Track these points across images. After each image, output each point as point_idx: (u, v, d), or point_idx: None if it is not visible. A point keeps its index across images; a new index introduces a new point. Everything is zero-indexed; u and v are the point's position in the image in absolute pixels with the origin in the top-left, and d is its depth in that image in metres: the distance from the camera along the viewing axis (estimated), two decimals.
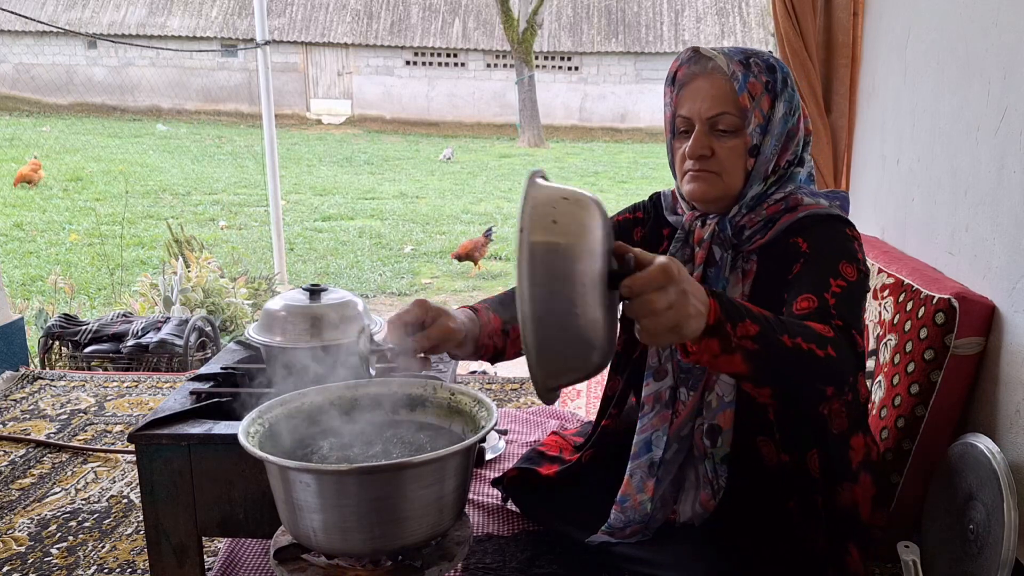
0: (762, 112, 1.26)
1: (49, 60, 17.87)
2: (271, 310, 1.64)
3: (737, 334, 0.99)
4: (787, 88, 1.28)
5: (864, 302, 1.25)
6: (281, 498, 1.15)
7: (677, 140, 1.35)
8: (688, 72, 1.32)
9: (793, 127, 1.29)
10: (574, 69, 18.82)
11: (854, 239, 1.27)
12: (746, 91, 1.25)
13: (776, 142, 1.28)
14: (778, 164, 1.30)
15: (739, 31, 18.35)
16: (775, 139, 1.28)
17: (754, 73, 1.26)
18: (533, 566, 1.64)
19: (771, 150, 1.28)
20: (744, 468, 1.36)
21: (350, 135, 16.70)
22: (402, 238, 7.28)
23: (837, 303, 1.15)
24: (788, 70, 1.30)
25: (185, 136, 14.56)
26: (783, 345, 1.03)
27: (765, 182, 1.30)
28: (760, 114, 1.26)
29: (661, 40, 18.52)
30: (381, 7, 19.17)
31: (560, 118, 18.16)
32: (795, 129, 1.30)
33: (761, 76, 1.26)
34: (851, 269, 1.20)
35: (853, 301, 1.18)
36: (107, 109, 17.77)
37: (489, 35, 18.68)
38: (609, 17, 19.03)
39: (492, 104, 18.51)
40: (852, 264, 1.21)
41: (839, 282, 1.18)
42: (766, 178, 1.29)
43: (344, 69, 18.73)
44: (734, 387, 1.30)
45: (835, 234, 1.26)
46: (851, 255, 1.23)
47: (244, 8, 18.52)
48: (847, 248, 1.24)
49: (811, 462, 1.32)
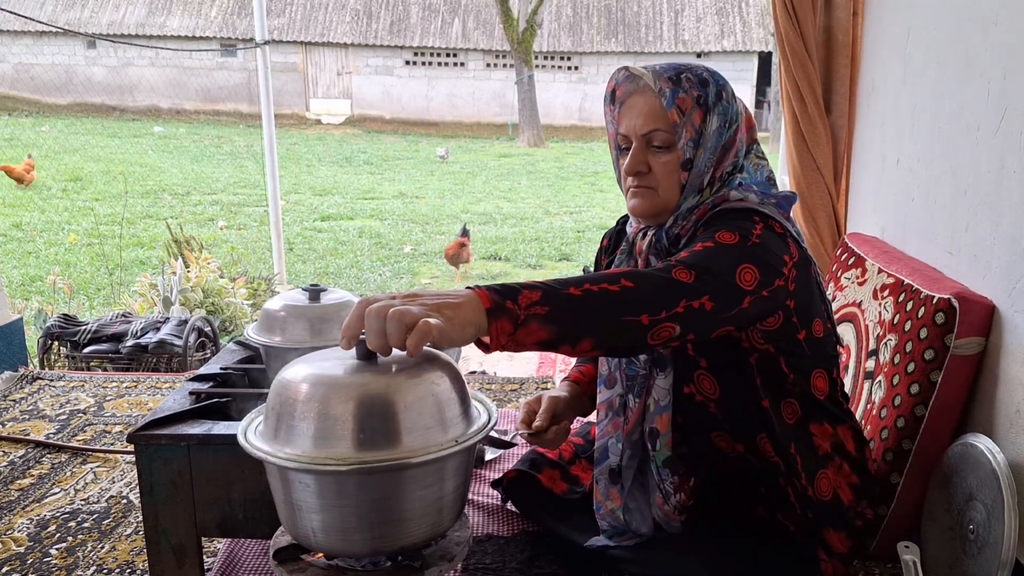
0: (693, 126, 1.28)
1: (48, 60, 17.88)
2: (270, 310, 1.64)
3: (521, 305, 1.01)
4: (721, 101, 1.29)
5: (742, 260, 1.17)
6: (281, 498, 1.15)
7: (620, 157, 1.38)
8: (625, 90, 1.35)
9: (729, 139, 1.30)
10: (574, 69, 18.83)
11: (761, 223, 1.23)
12: (675, 106, 1.27)
13: (710, 155, 1.29)
14: (714, 176, 1.30)
15: (739, 31, 18.35)
16: (708, 152, 1.29)
17: (684, 88, 1.28)
18: (533, 566, 1.64)
19: (704, 163, 1.29)
20: (710, 464, 1.39)
21: (350, 135, 16.70)
22: (402, 238, 7.28)
23: (688, 255, 1.15)
24: (724, 82, 1.31)
25: (184, 136, 14.56)
26: (572, 296, 1.04)
27: (701, 194, 1.31)
28: (692, 128, 1.28)
29: (661, 40, 18.53)
30: (381, 7, 19.17)
31: (560, 118, 18.17)
32: (731, 141, 1.30)
33: (692, 91, 1.28)
34: (729, 235, 1.19)
35: (710, 255, 1.16)
36: (106, 109, 17.77)
37: (489, 35, 18.68)
38: (609, 17, 19.04)
39: (492, 104, 18.52)
40: (736, 233, 1.19)
41: (707, 244, 1.18)
42: (702, 190, 1.31)
43: (344, 69, 18.73)
44: (668, 391, 1.32)
45: (735, 218, 1.24)
46: (739, 229, 1.20)
47: (243, 8, 18.53)
48: (742, 226, 1.21)
49: (763, 446, 1.34)
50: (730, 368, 1.30)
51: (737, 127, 1.31)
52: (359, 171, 11.58)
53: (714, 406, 1.32)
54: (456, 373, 1.19)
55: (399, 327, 0.94)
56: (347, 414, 1.08)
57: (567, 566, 1.62)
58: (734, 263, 1.16)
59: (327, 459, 1.06)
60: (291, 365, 1.18)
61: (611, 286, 1.07)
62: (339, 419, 1.08)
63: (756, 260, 1.18)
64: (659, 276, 1.11)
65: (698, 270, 1.13)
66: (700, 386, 1.31)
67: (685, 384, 1.32)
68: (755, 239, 1.20)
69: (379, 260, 6.44)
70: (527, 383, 2.84)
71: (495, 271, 6.25)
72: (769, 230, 1.24)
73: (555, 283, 1.06)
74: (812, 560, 1.37)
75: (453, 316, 0.97)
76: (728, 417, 1.33)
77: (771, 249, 1.21)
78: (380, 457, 1.07)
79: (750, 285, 1.16)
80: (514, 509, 1.83)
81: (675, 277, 1.11)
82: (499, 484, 1.81)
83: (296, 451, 1.09)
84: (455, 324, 0.97)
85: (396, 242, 7.10)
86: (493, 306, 1.00)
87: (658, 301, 1.09)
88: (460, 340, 0.99)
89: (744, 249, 1.18)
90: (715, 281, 1.13)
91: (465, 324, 0.98)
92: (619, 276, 1.09)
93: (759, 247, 1.20)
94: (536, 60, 17.44)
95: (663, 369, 1.32)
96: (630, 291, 1.08)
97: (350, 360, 1.16)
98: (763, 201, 1.29)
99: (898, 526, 1.67)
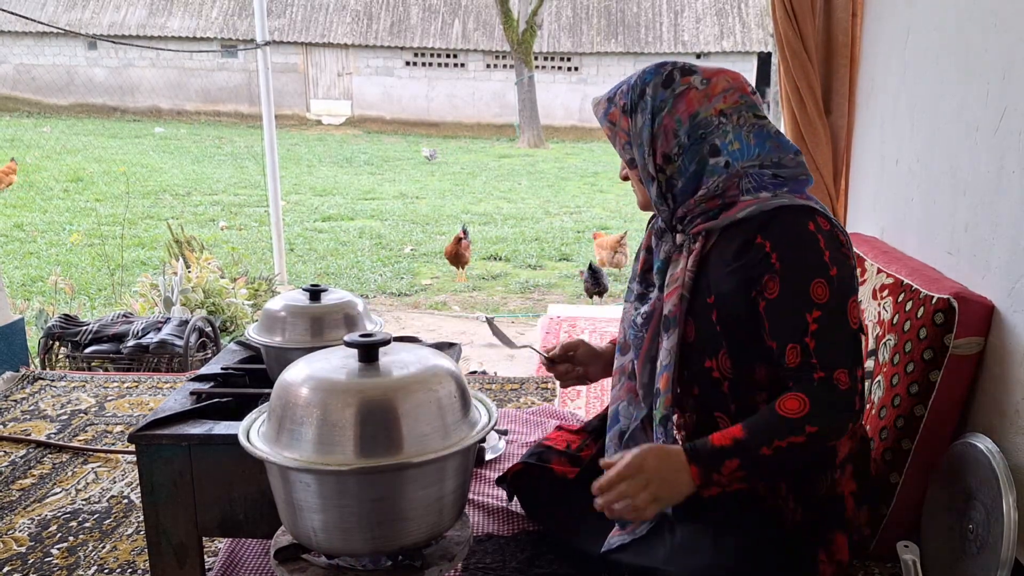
0: (624, 131, 1.39)
1: (49, 61, 17.87)
2: (271, 310, 1.64)
3: (724, 474, 1.24)
4: (644, 98, 1.36)
5: (849, 295, 1.29)
6: (281, 498, 1.16)
7: None
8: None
9: (659, 126, 1.35)
10: (574, 70, 18.82)
11: (818, 233, 1.28)
12: (606, 122, 1.42)
13: (645, 147, 1.37)
14: (656, 162, 1.37)
15: (738, 31, 18.35)
16: (641, 146, 1.38)
17: (615, 103, 1.39)
18: (533, 566, 1.64)
19: (641, 157, 1.38)
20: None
21: (350, 135, 16.71)
22: (402, 238, 7.28)
23: (817, 346, 1.26)
24: (651, 77, 1.36)
25: (185, 137, 14.56)
26: (766, 457, 1.23)
27: (655, 182, 1.38)
28: (623, 134, 1.40)
29: (660, 41, 18.52)
30: (381, 8, 19.17)
31: (560, 118, 18.16)
32: (661, 128, 1.35)
33: (620, 101, 1.39)
34: (822, 288, 1.26)
35: (833, 326, 1.27)
36: (107, 110, 17.78)
37: (489, 36, 18.68)
38: (609, 18, 19.04)
39: (492, 105, 18.51)
40: (823, 279, 1.26)
41: (814, 314, 1.26)
42: (653, 178, 1.38)
43: (344, 70, 18.73)
44: (671, 352, 1.37)
45: (799, 236, 1.28)
46: (821, 267, 1.27)
47: (244, 9, 18.53)
48: (815, 257, 1.27)
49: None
50: (749, 353, 1.33)
51: (667, 111, 1.35)
52: (359, 172, 11.59)
53: (727, 385, 1.36)
54: (457, 374, 1.19)
55: (636, 511, 1.25)
56: (349, 420, 1.08)
57: (567, 566, 1.62)
58: (845, 318, 1.28)
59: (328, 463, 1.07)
60: (293, 366, 1.18)
61: (797, 438, 1.23)
62: (341, 425, 1.08)
63: (852, 290, 1.31)
64: (826, 402, 1.25)
65: (846, 367, 1.26)
66: (720, 363, 1.35)
67: (708, 358, 1.36)
68: (832, 268, 1.27)
69: (380, 260, 6.44)
70: (527, 383, 2.84)
71: (495, 271, 6.25)
72: (827, 237, 1.29)
73: (749, 442, 1.24)
74: (811, 560, 1.37)
75: (672, 495, 1.26)
76: (735, 399, 1.36)
77: (844, 262, 1.29)
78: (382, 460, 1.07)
79: (859, 319, 1.31)
80: (518, 510, 1.84)
81: (838, 387, 1.25)
82: (503, 481, 1.80)
83: (297, 455, 1.09)
84: (672, 499, 1.26)
85: (396, 242, 7.10)
86: (702, 482, 1.24)
87: (834, 431, 1.27)
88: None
89: (839, 293, 1.27)
90: (855, 355, 1.29)
91: (679, 493, 1.26)
92: (803, 422, 1.23)
93: (842, 275, 1.28)
94: (536, 61, 17.44)
95: (668, 331, 1.37)
96: (815, 436, 1.24)
97: (352, 362, 1.16)
98: (776, 194, 1.32)
99: (898, 526, 1.67)
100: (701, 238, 1.36)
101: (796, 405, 1.24)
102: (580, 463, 1.67)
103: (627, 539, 1.44)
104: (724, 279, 1.32)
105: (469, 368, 3.49)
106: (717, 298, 1.33)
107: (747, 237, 1.30)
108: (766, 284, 1.28)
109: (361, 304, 1.69)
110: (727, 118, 1.34)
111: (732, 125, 1.34)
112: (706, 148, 1.33)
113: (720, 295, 1.32)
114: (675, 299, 1.36)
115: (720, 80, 1.35)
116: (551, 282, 5.87)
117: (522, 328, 4.58)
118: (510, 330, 4.52)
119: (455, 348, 1.87)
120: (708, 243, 1.36)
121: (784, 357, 1.28)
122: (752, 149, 1.33)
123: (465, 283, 5.82)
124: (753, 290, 1.29)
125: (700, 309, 1.34)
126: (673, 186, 1.37)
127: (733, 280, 1.31)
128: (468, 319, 4.82)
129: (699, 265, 1.36)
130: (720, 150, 1.33)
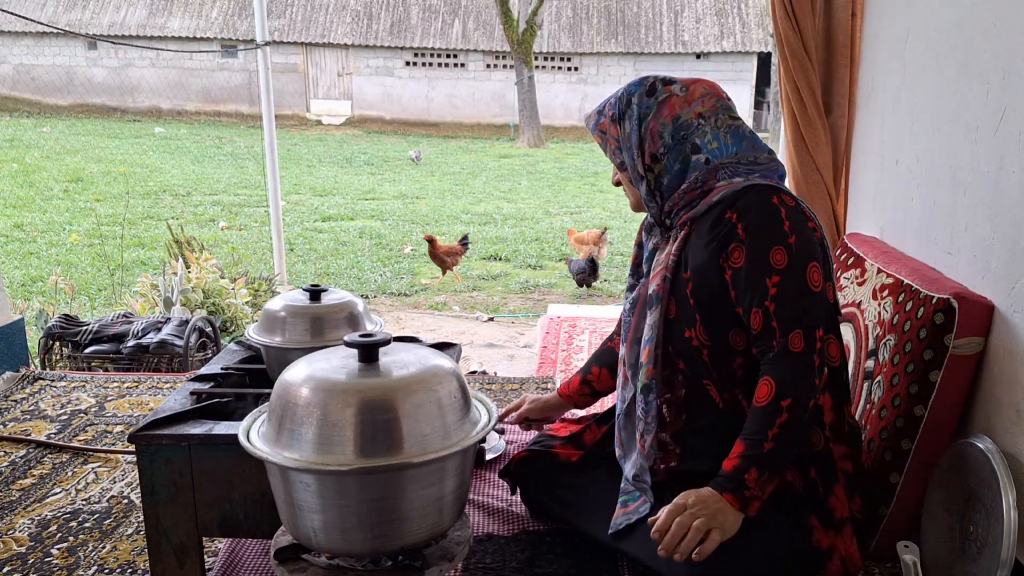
0: (614, 138, 1.52)
1: (49, 61, 17.88)
2: (271, 311, 1.64)
3: (754, 487, 1.34)
4: (630, 106, 1.49)
5: (808, 260, 1.38)
6: (281, 498, 1.16)
7: None
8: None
9: (646, 130, 1.48)
10: (574, 70, 18.83)
11: (781, 206, 1.39)
12: (597, 132, 1.55)
13: (634, 151, 1.49)
14: (645, 163, 1.49)
15: (738, 31, 18.35)
16: (630, 150, 1.50)
17: (604, 114, 1.53)
18: (533, 566, 1.64)
19: (630, 159, 1.50)
20: (701, 411, 1.50)
21: (350, 136, 16.71)
22: (402, 239, 7.28)
23: (776, 309, 1.36)
24: (636, 88, 1.50)
25: (185, 137, 14.56)
26: (772, 450, 1.34)
27: (644, 180, 1.50)
28: (613, 140, 1.52)
29: (661, 41, 18.52)
30: (381, 8, 19.17)
31: (560, 118, 18.17)
32: (648, 131, 1.48)
33: (608, 112, 1.52)
34: (781, 255, 1.37)
35: (791, 290, 1.36)
36: (107, 110, 17.78)
37: (489, 36, 18.68)
38: (609, 18, 19.04)
39: (492, 105, 18.52)
40: (782, 246, 1.36)
41: (774, 279, 1.36)
42: (643, 177, 1.50)
43: (344, 70, 18.74)
44: (653, 327, 1.48)
45: (762, 207, 1.39)
46: (781, 235, 1.37)
47: (244, 9, 18.53)
48: (775, 226, 1.38)
49: (743, 401, 1.46)
50: (722, 321, 1.43)
51: (652, 116, 1.47)
52: (359, 172, 11.59)
53: (706, 353, 1.45)
54: (457, 374, 1.19)
55: (696, 534, 1.30)
56: (349, 420, 1.08)
57: (567, 565, 1.63)
58: (803, 281, 1.37)
59: (328, 463, 1.07)
60: (293, 366, 1.18)
61: (780, 417, 1.34)
62: (341, 425, 1.08)
63: (811, 256, 1.38)
64: (789, 366, 1.35)
65: (802, 327, 1.35)
66: (698, 332, 1.45)
67: (688, 327, 1.46)
68: (791, 237, 1.37)
69: (379, 261, 6.44)
70: (527, 383, 2.84)
71: (495, 271, 6.25)
72: (789, 209, 1.39)
73: (751, 449, 1.34)
74: (804, 529, 1.41)
75: (725, 523, 1.32)
76: (716, 366, 1.46)
77: (805, 231, 1.39)
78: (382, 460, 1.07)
79: (821, 282, 1.39)
80: (518, 510, 1.84)
81: (793, 351, 1.35)
82: (507, 472, 1.82)
83: (297, 455, 1.09)
84: (728, 528, 1.33)
85: (396, 243, 7.10)
86: (741, 505, 1.34)
87: (810, 386, 1.36)
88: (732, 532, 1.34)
89: (798, 258, 1.37)
90: (812, 316, 1.37)
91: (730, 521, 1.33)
92: (778, 402, 1.34)
93: (801, 242, 1.38)
94: (536, 61, 17.44)
95: (651, 308, 1.49)
96: (793, 407, 1.34)
97: (352, 362, 1.16)
98: (748, 179, 1.43)
99: (898, 526, 1.67)
100: (686, 227, 1.48)
101: (765, 390, 1.36)
102: (583, 447, 1.76)
103: (632, 518, 1.50)
104: (698, 254, 1.44)
105: (469, 368, 3.49)
106: (692, 272, 1.44)
107: (719, 213, 1.42)
108: (731, 253, 1.39)
109: (361, 304, 1.69)
110: (706, 120, 1.47)
111: (710, 126, 1.47)
112: (688, 147, 1.46)
113: (695, 269, 1.44)
114: (659, 279, 1.49)
115: (697, 87, 1.49)
116: (551, 282, 5.87)
117: (522, 328, 4.58)
118: (510, 330, 4.52)
119: (455, 348, 1.87)
120: (691, 230, 1.47)
121: (749, 323, 1.39)
122: (729, 147, 1.46)
123: (460, 283, 5.82)
124: (721, 259, 1.40)
125: (679, 285, 1.47)
126: (661, 183, 1.49)
127: (706, 253, 1.42)
128: (468, 319, 4.82)
129: (681, 249, 1.48)
130: (701, 148, 1.46)
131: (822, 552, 1.41)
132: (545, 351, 3.48)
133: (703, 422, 1.50)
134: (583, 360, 3.30)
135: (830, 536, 1.42)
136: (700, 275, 1.43)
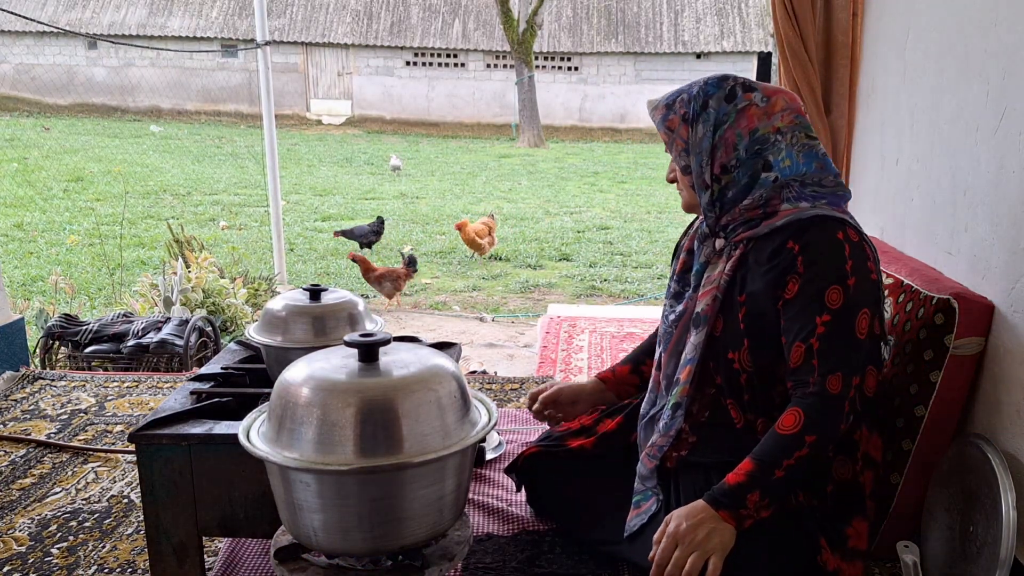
0: (682, 139, 1.46)
1: (49, 60, 17.88)
2: (271, 310, 1.64)
3: (751, 508, 1.32)
4: (707, 109, 1.43)
5: (861, 306, 1.35)
6: (281, 498, 1.16)
7: None
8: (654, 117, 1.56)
9: (720, 138, 1.43)
10: (574, 69, 18.82)
11: (845, 242, 1.36)
12: (664, 127, 1.48)
13: (703, 157, 1.44)
14: (713, 172, 1.44)
15: (739, 31, 18.35)
16: (699, 155, 1.44)
17: (675, 110, 1.46)
18: (533, 566, 1.64)
19: (698, 166, 1.45)
20: (716, 428, 1.49)
21: (350, 135, 16.71)
22: (402, 238, 7.28)
23: (820, 347, 1.33)
24: (714, 91, 1.43)
25: (185, 136, 14.56)
26: (781, 479, 1.31)
27: (709, 190, 1.45)
28: (681, 141, 1.46)
29: (661, 40, 18.52)
30: (381, 8, 19.17)
31: (560, 118, 18.17)
32: (722, 139, 1.42)
33: (680, 109, 1.45)
34: (837, 294, 1.33)
35: (839, 332, 1.33)
36: (107, 109, 17.78)
37: (489, 36, 18.68)
38: (609, 17, 19.04)
39: (492, 105, 18.51)
40: (839, 286, 1.33)
41: (824, 317, 1.33)
42: (708, 187, 1.45)
43: (344, 69, 18.74)
44: (696, 347, 1.46)
45: (826, 243, 1.36)
46: (841, 275, 1.34)
47: (244, 8, 18.53)
48: (837, 264, 1.34)
49: (760, 425, 1.45)
50: (769, 349, 1.40)
51: (729, 124, 1.42)
52: (359, 171, 11.58)
53: (745, 378, 1.43)
54: (457, 374, 1.19)
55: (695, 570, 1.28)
56: (349, 420, 1.08)
57: (567, 565, 1.63)
58: (851, 327, 1.34)
59: (328, 463, 1.07)
60: (293, 366, 1.18)
61: (800, 451, 1.31)
62: (342, 425, 1.08)
63: (866, 302, 1.36)
64: (821, 406, 1.32)
65: (842, 371, 1.32)
66: (742, 357, 1.43)
67: (732, 350, 1.43)
68: (851, 278, 1.34)
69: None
70: (527, 383, 2.84)
71: (495, 271, 6.25)
72: (853, 247, 1.36)
73: (761, 472, 1.32)
74: (811, 546, 1.39)
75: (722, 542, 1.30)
76: (750, 389, 1.43)
77: (864, 272, 1.36)
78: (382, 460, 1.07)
79: (867, 330, 1.35)
80: (519, 510, 1.84)
81: (830, 393, 1.32)
82: (514, 468, 1.81)
83: (297, 454, 1.09)
84: (724, 545, 1.30)
85: (396, 242, 7.09)
86: (736, 523, 1.32)
87: (832, 434, 1.33)
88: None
89: (852, 302, 1.34)
90: (853, 363, 1.33)
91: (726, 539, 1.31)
92: (802, 436, 1.31)
93: (858, 284, 1.34)
94: (536, 61, 17.44)
95: (697, 328, 1.47)
96: (816, 444, 1.31)
97: (352, 362, 1.16)
98: (824, 203, 1.40)
99: (898, 526, 1.67)
100: (742, 245, 1.44)
101: (792, 420, 1.33)
102: (595, 434, 1.73)
103: (645, 518, 1.50)
104: (756, 280, 1.40)
105: (469, 368, 3.49)
106: (748, 297, 1.41)
107: (781, 242, 1.38)
108: (787, 283, 1.36)
109: (361, 304, 1.69)
110: (782, 136, 1.42)
111: (786, 143, 1.42)
112: (761, 163, 1.42)
113: (751, 294, 1.41)
114: (708, 299, 1.45)
115: (779, 99, 1.43)
116: (551, 282, 5.87)
117: (522, 328, 4.58)
118: (510, 330, 4.52)
119: (455, 348, 1.87)
120: (747, 249, 1.43)
121: (790, 354, 1.36)
122: (800, 167, 1.42)
123: (467, 282, 5.81)
124: (777, 289, 1.37)
125: (730, 307, 1.43)
126: (724, 195, 1.45)
127: (763, 281, 1.39)
128: (468, 319, 4.82)
129: (735, 269, 1.44)
130: (772, 166, 1.42)
131: (827, 573, 1.38)
132: (545, 351, 3.48)
133: (719, 431, 1.49)
134: (583, 360, 3.30)
135: (836, 559, 1.39)
136: (755, 302, 1.40)
